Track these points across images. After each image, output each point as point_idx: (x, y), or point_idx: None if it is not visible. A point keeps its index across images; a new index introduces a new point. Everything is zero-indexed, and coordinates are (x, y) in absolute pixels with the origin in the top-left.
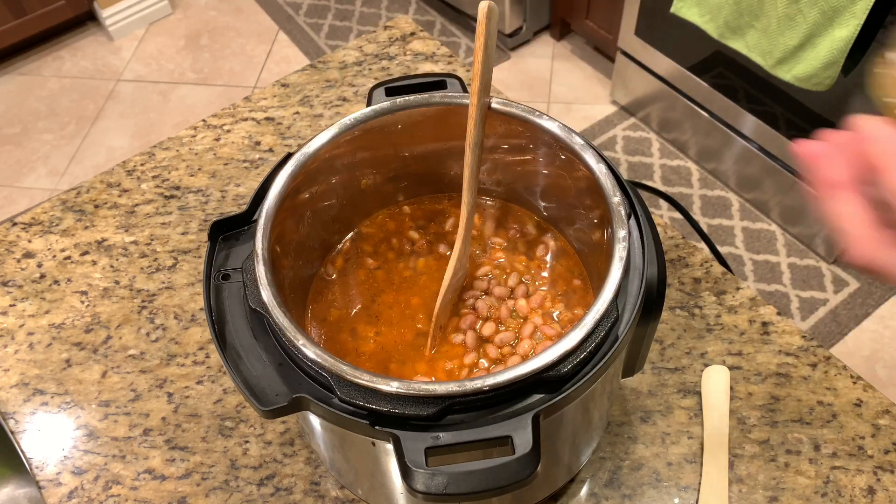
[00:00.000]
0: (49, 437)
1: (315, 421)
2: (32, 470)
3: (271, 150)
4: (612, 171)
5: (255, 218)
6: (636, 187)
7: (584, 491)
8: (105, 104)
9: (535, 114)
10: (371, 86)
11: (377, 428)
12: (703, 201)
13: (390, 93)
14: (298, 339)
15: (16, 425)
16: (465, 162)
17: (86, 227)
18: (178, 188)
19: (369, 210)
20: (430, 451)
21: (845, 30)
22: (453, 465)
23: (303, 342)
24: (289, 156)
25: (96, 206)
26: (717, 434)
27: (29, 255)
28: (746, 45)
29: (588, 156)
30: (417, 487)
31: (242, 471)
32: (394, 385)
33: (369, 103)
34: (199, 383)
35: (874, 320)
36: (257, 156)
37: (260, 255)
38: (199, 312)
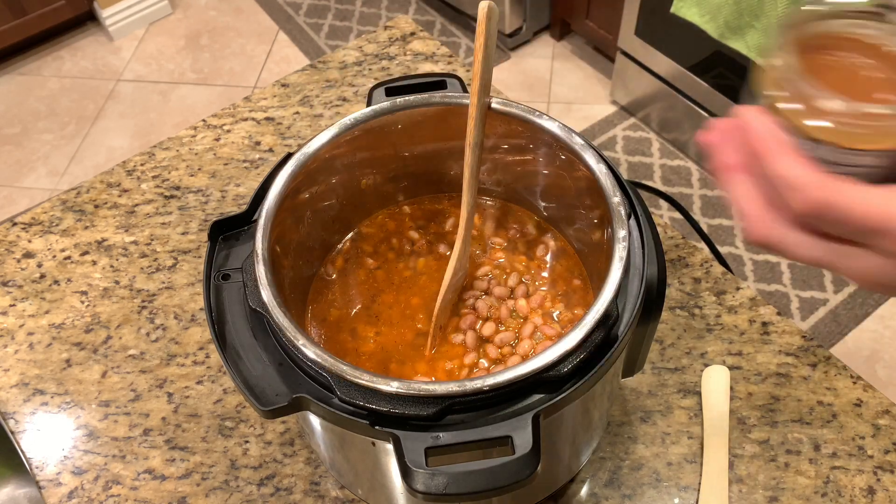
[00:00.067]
0: (49, 437)
1: (315, 421)
2: (32, 470)
3: (271, 150)
4: (612, 171)
5: (255, 218)
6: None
7: (584, 491)
8: (105, 104)
9: (535, 114)
10: (371, 86)
11: (377, 428)
12: (703, 201)
13: (390, 93)
14: (298, 339)
15: (16, 425)
16: (465, 162)
17: (86, 227)
18: (178, 188)
19: (369, 210)
20: (430, 451)
21: None
22: (453, 465)
23: (303, 342)
24: (289, 156)
25: (96, 206)
26: (717, 434)
27: (29, 255)
28: (746, 45)
29: (588, 156)
30: (417, 487)
31: (242, 471)
32: (394, 385)
33: (369, 103)
34: (199, 383)
35: (874, 320)
36: (257, 156)
37: (260, 255)
38: (199, 312)
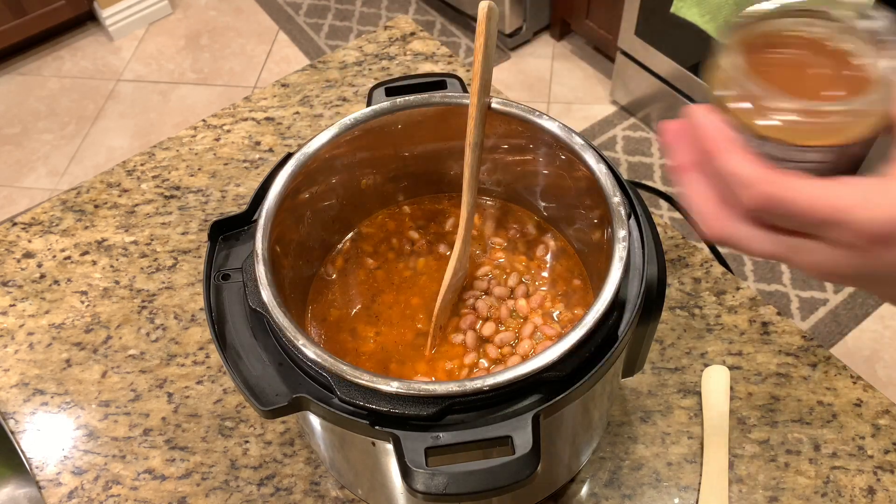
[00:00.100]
0: (49, 437)
1: (315, 421)
2: (32, 470)
3: (271, 150)
4: (612, 171)
5: (255, 218)
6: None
7: (584, 491)
8: (105, 104)
9: (535, 114)
10: (371, 86)
11: (377, 428)
12: None
13: (390, 93)
14: (298, 339)
15: (16, 425)
16: (465, 162)
17: (86, 227)
18: (178, 188)
19: (369, 210)
20: (430, 451)
21: None
22: (453, 465)
23: (303, 342)
24: (289, 156)
25: (96, 206)
26: (717, 434)
27: (29, 255)
28: None
29: (588, 156)
30: (417, 487)
31: (242, 471)
32: (394, 385)
33: (369, 103)
34: (199, 383)
35: (874, 320)
36: (257, 156)
37: (260, 255)
38: (199, 312)
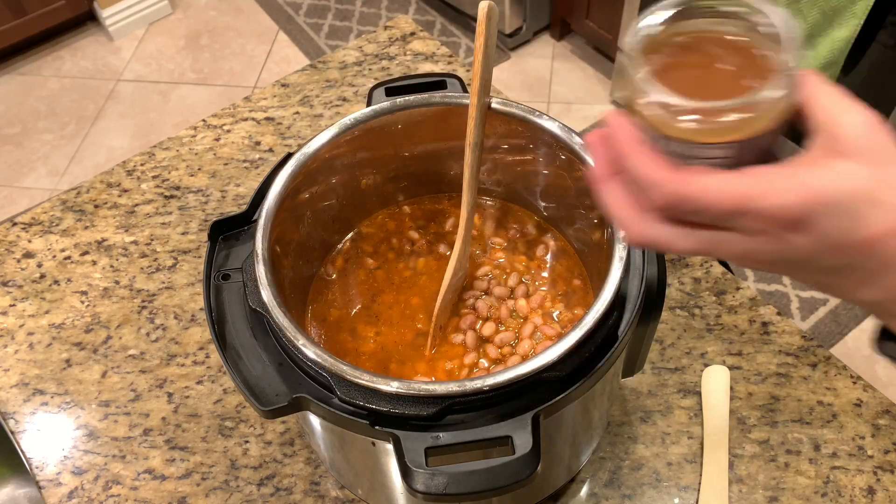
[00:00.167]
0: (49, 437)
1: (315, 421)
2: (32, 470)
3: (271, 150)
4: None
5: (255, 218)
6: None
7: (584, 491)
8: (105, 104)
9: (535, 114)
10: (371, 86)
11: (377, 428)
12: None
13: (390, 93)
14: (298, 339)
15: (16, 425)
16: (465, 162)
17: (86, 227)
18: (178, 188)
19: (369, 210)
20: (430, 451)
21: (845, 30)
22: (453, 465)
23: (303, 342)
24: (289, 156)
25: (96, 206)
26: (717, 434)
27: (29, 255)
28: None
29: (588, 156)
30: (417, 487)
31: (242, 471)
32: (394, 385)
33: (369, 103)
34: (199, 383)
35: (874, 320)
36: (257, 156)
37: (260, 255)
38: (199, 312)
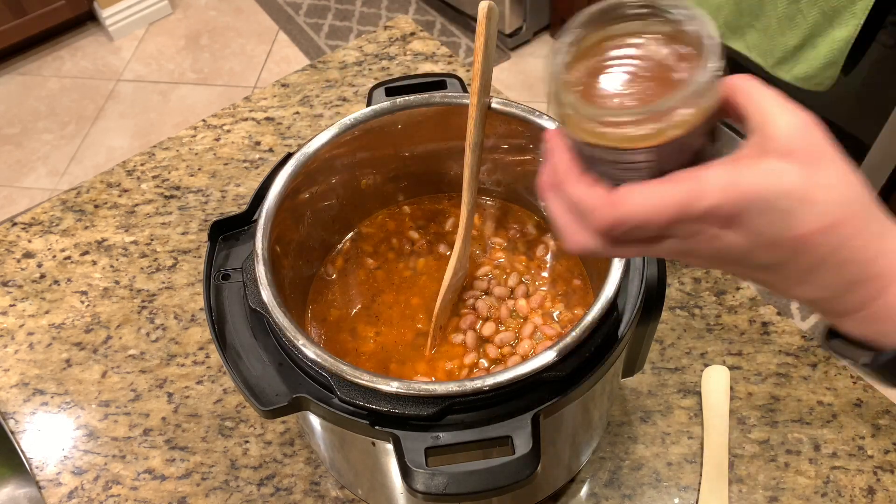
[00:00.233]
0: (49, 437)
1: (315, 421)
2: (32, 470)
3: (271, 150)
4: None
5: (255, 218)
6: None
7: (584, 491)
8: (105, 104)
9: (535, 114)
10: (371, 86)
11: (377, 428)
12: None
13: (390, 93)
14: (298, 339)
15: (16, 425)
16: (465, 162)
17: (86, 227)
18: (178, 188)
19: (369, 210)
20: (430, 451)
21: (845, 30)
22: (453, 465)
23: (303, 342)
24: (289, 156)
25: (96, 206)
26: (717, 434)
27: (29, 255)
28: (746, 46)
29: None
30: (417, 487)
31: (242, 471)
32: (394, 385)
33: (369, 103)
34: (199, 383)
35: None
36: (257, 156)
37: (260, 255)
38: (199, 312)
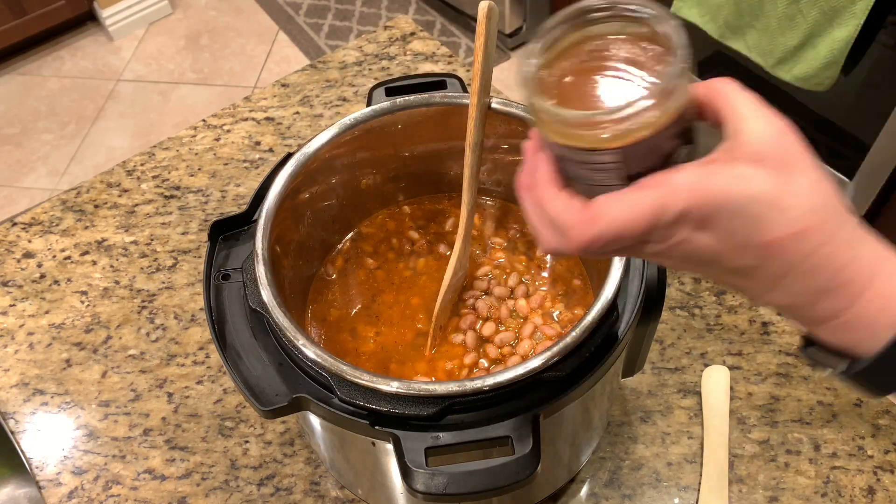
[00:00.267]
0: (49, 437)
1: (315, 421)
2: (32, 470)
3: (271, 150)
4: None
5: (255, 218)
6: None
7: (584, 491)
8: (105, 104)
9: None
10: (371, 86)
11: (377, 428)
12: None
13: (390, 93)
14: (298, 339)
15: (16, 425)
16: (465, 162)
17: (86, 227)
18: (178, 188)
19: (369, 210)
20: (430, 451)
21: (845, 30)
22: (453, 465)
23: (303, 342)
24: (289, 156)
25: (96, 206)
26: (717, 434)
27: (29, 255)
28: (746, 46)
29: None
30: (417, 487)
31: (242, 471)
32: (394, 385)
33: (369, 103)
34: (199, 383)
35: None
36: (257, 156)
37: (260, 255)
38: (199, 312)
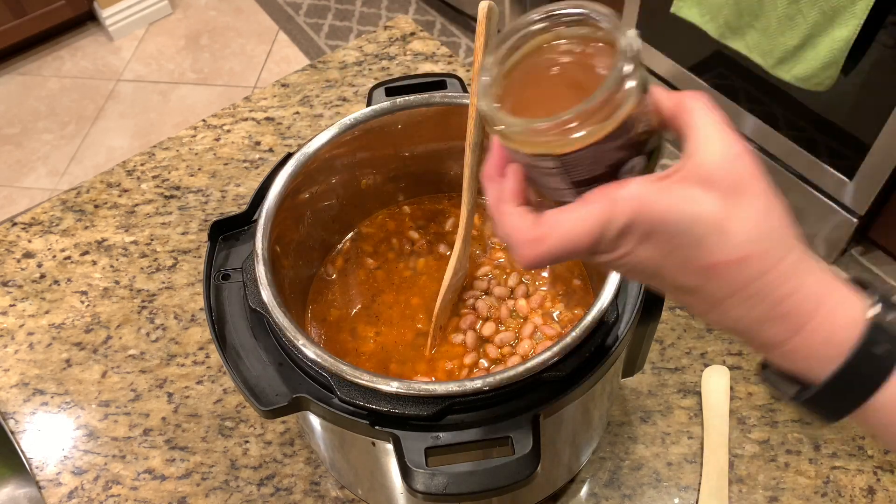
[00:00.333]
0: (49, 437)
1: (315, 421)
2: (32, 470)
3: (271, 150)
4: None
5: (255, 218)
6: None
7: (584, 491)
8: (105, 104)
9: None
10: (371, 86)
11: (377, 428)
12: None
13: (390, 93)
14: (298, 339)
15: (16, 425)
16: (465, 162)
17: (86, 227)
18: (178, 188)
19: (369, 210)
20: (430, 451)
21: (845, 30)
22: (453, 465)
23: (303, 342)
24: (289, 156)
25: (96, 206)
26: (717, 434)
27: (29, 255)
28: (746, 46)
29: None
30: (417, 487)
31: (242, 471)
32: (394, 385)
33: (369, 103)
34: (199, 383)
35: None
36: (257, 156)
37: (260, 255)
38: (199, 312)
